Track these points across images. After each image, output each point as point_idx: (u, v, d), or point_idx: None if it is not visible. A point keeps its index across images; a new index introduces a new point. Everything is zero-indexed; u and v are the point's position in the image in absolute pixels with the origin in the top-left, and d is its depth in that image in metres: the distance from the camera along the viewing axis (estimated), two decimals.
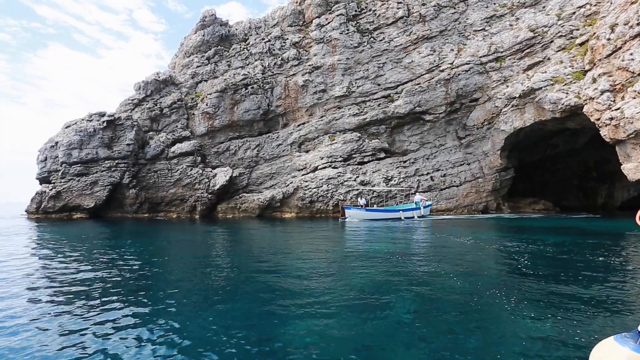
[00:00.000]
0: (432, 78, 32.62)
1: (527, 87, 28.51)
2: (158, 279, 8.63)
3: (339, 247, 13.83)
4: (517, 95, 29.12)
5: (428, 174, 32.95)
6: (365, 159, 33.76)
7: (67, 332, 4.98)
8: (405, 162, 33.71)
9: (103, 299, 6.56)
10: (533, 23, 31.55)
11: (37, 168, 33.30)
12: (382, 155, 33.88)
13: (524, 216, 29.02)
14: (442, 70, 32.58)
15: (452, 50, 33.36)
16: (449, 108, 32.28)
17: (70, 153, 31.31)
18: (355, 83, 34.92)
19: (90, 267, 9.65)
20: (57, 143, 32.30)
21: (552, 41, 30.43)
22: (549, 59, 30.11)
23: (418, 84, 33.19)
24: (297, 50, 37.09)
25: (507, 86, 30.87)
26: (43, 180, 32.76)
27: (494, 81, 31.60)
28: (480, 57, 32.20)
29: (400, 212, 28.73)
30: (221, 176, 34.72)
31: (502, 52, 31.97)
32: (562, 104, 26.22)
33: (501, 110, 30.85)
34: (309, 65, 36.03)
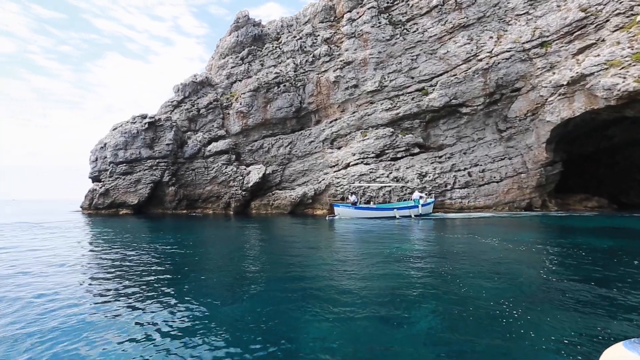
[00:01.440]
0: (469, 68, 30.92)
1: (577, 73, 26.10)
2: (194, 269, 9.06)
3: (367, 245, 13.35)
4: (565, 83, 26.77)
5: (465, 169, 31.33)
6: (399, 155, 32.81)
7: (116, 318, 5.41)
8: (440, 157, 32.32)
9: (147, 287, 7.16)
10: (585, 2, 28.77)
11: (89, 168, 35.99)
12: (416, 150, 32.74)
13: (573, 214, 26.69)
14: (480, 60, 30.77)
15: (491, 37, 31.38)
16: (488, 99, 30.42)
17: (117, 153, 33.50)
18: (388, 77, 34.02)
19: (137, 257, 10.47)
20: (105, 144, 34.71)
21: (607, 20, 27.56)
22: (603, 40, 27.33)
23: (454, 75, 31.63)
24: (329, 46, 36.85)
25: (554, 73, 28.49)
26: (94, 179, 35.38)
27: (539, 68, 29.30)
28: (523, 43, 29.99)
29: (395, 210, 27.38)
30: (254, 173, 35.45)
31: (548, 36, 29.54)
32: (619, 90, 23.69)
33: (547, 99, 28.56)
34: (341, 60, 35.64)
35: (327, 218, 27.19)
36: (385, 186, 30.90)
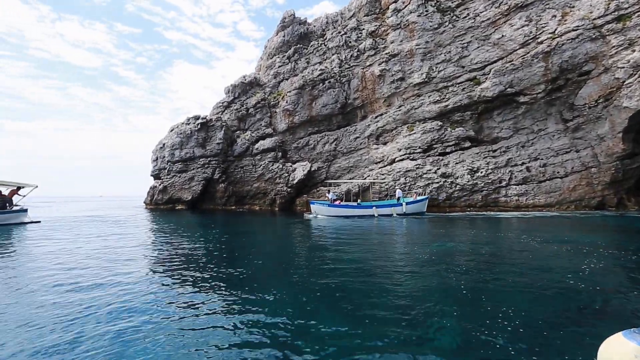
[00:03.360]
0: (528, 53, 28.07)
1: None
2: (243, 261, 9.44)
3: (413, 243, 12.66)
4: None
5: (523, 163, 28.58)
6: (448, 149, 30.95)
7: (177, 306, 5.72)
8: (495, 151, 29.86)
9: (202, 279, 7.52)
10: None
11: (151, 167, 39.23)
12: (467, 144, 30.60)
13: None
14: (541, 42, 27.77)
15: (554, 16, 28.13)
16: (550, 86, 27.36)
17: (174, 153, 36.06)
18: (436, 67, 32.22)
19: (194, 248, 11.27)
20: (164, 145, 37.55)
21: None
22: None
23: (510, 61, 28.96)
24: (373, 39, 35.94)
25: (633, 51, 24.77)
26: (155, 177, 38.49)
27: (614, 47, 25.65)
28: (594, 19, 26.46)
29: (374, 208, 25.89)
30: (299, 170, 35.88)
31: (626, 8, 25.73)
32: None
33: (624, 82, 24.92)
34: (386, 53, 34.56)
35: (304, 215, 26.47)
36: (363, 183, 29.85)
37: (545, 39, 27.65)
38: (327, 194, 28.41)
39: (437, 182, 29.77)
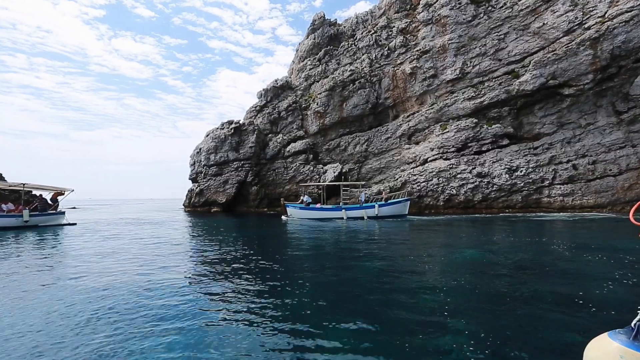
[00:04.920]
0: (573, 41, 25.83)
1: None
2: (279, 258, 9.74)
3: (445, 248, 11.71)
4: None
5: (569, 161, 26.29)
6: (484, 148, 29.29)
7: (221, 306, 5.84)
8: (536, 148, 27.78)
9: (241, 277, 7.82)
10: None
11: (189, 170, 41.11)
12: (505, 142, 28.75)
13: None
14: (588, 28, 25.43)
15: None
16: (599, 75, 24.95)
17: (209, 157, 37.51)
18: (470, 62, 30.68)
19: (233, 249, 11.65)
20: (200, 149, 39.20)
21: None
22: None
23: (552, 51, 26.83)
24: (404, 36, 35.02)
25: None
26: (193, 180, 40.28)
27: None
28: None
29: (343, 211, 25.00)
30: (330, 172, 35.78)
31: None
32: None
33: None
34: (417, 50, 33.52)
35: (282, 218, 26.54)
36: (336, 185, 29.58)
37: (594, 24, 25.28)
38: (302, 197, 28.21)
39: (472, 183, 28.27)
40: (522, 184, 26.86)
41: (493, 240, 13.04)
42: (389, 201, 25.81)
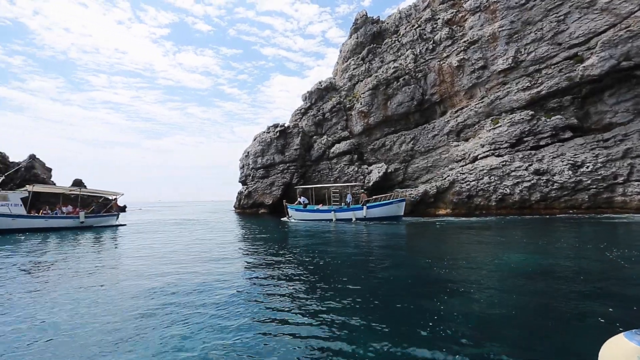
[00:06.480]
0: None
1: None
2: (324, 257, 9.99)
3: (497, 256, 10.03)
4: None
5: None
6: (542, 142, 26.62)
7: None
8: (606, 140, 24.54)
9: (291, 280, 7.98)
10: None
11: (239, 174, 42.98)
12: (568, 134, 25.84)
13: None
14: None
15: None
16: None
17: (256, 160, 38.87)
18: (525, 49, 28.11)
19: (287, 252, 11.78)
20: (248, 153, 40.77)
21: None
22: None
23: (626, 27, 23.53)
24: (450, 28, 33.19)
25: None
26: (242, 183, 42.03)
27: None
28: None
29: (332, 212, 24.81)
30: (375, 172, 35.07)
31: None
32: None
33: None
34: (464, 41, 31.57)
35: (282, 219, 26.99)
36: (330, 187, 29.34)
37: None
38: (299, 198, 28.38)
39: (529, 181, 25.81)
40: (589, 181, 23.90)
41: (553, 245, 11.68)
42: (378, 202, 24.68)
